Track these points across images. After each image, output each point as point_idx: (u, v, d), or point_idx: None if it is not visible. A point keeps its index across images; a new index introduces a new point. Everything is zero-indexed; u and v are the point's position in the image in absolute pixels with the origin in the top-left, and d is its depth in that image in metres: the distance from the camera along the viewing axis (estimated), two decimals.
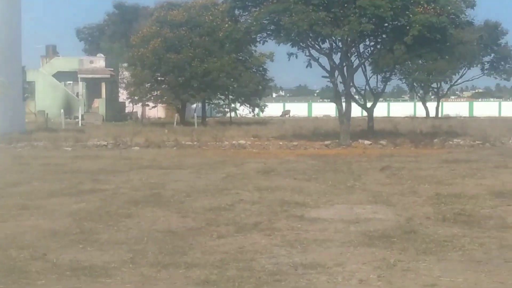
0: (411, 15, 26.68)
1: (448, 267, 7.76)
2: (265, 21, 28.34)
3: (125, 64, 55.82)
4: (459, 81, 77.27)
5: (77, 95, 62.61)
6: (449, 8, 27.46)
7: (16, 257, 8.29)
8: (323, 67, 30.08)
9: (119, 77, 61.27)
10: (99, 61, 62.93)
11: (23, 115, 40.84)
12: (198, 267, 7.83)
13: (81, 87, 62.22)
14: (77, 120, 50.50)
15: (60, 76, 62.73)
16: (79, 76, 60.93)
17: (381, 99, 48.85)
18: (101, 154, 23.75)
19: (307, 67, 29.79)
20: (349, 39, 28.79)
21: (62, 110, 47.40)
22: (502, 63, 73.62)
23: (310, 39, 29.45)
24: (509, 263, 7.93)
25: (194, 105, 60.71)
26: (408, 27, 26.86)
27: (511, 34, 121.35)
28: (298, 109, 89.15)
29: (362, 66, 34.93)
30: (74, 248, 8.80)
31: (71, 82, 64.74)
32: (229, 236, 9.53)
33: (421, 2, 26.79)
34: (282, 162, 20.38)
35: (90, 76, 61.01)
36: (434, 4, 26.99)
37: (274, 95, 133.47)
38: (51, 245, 8.94)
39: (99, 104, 60.64)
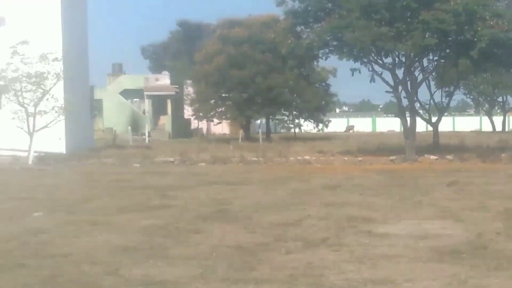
0: (479, 28, 26.30)
1: None
2: (327, 37, 28.32)
3: (190, 81, 56.41)
4: None
5: (144, 112, 63.38)
6: None
7: (89, 272, 8.45)
8: (387, 82, 29.94)
9: (184, 94, 61.84)
10: (164, 79, 63.58)
11: (92, 133, 41.60)
12: (268, 283, 7.86)
13: (147, 104, 62.95)
14: (144, 137, 51.12)
15: (127, 93, 63.54)
16: (145, 93, 61.57)
17: (446, 114, 48.24)
18: (168, 170, 24.05)
19: (370, 82, 29.76)
20: (412, 54, 28.62)
21: (129, 127, 48.11)
22: None
23: (373, 54, 29.34)
24: None
25: (259, 121, 60.95)
26: (475, 40, 26.48)
27: None
28: (362, 124, 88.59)
29: (426, 80, 34.64)
30: (145, 263, 8.92)
31: (137, 99, 65.58)
32: (297, 251, 9.56)
33: (487, 18, 26.42)
34: (348, 177, 20.33)
35: (156, 93, 61.63)
36: (500, 19, 26.59)
37: (337, 110, 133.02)
38: (123, 261, 9.07)
39: (165, 121, 61.21)
